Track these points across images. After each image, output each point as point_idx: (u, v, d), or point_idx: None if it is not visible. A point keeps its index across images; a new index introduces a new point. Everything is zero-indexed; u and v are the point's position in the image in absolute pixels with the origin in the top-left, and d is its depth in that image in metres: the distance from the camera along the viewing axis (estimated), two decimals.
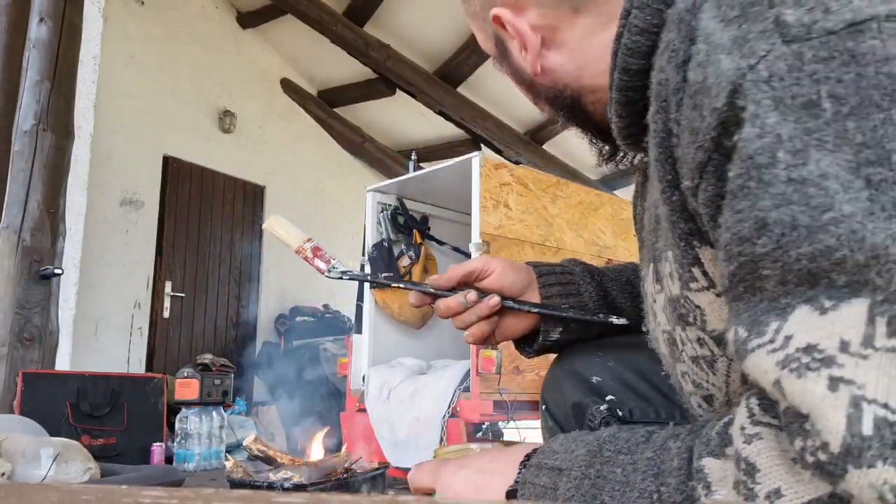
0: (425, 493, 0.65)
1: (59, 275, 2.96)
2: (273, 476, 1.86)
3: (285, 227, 0.86)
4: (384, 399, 2.85)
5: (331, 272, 0.83)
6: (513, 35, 0.65)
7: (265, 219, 3.08)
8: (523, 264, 0.87)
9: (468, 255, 2.99)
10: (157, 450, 3.01)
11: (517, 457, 0.59)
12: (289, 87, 6.19)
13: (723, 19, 0.44)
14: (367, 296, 3.29)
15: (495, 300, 0.81)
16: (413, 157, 3.46)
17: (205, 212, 5.34)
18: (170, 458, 3.15)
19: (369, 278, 0.94)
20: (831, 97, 0.38)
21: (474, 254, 2.73)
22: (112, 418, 2.95)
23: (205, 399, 3.38)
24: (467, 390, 2.65)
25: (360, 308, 3.38)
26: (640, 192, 0.71)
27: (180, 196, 5.18)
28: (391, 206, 3.37)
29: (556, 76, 0.66)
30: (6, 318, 2.81)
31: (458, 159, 2.89)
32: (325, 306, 5.61)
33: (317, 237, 0.88)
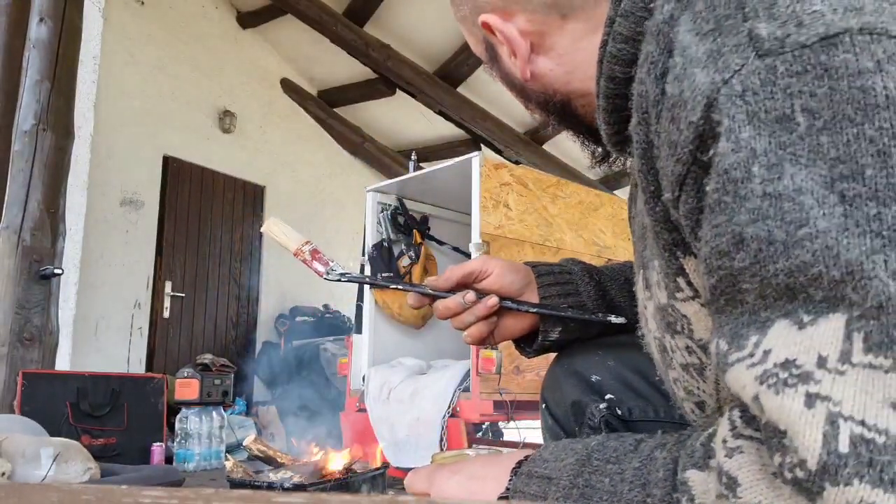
0: None
1: (59, 275, 2.96)
2: (273, 476, 1.87)
3: (283, 230, 0.85)
4: (384, 399, 2.85)
5: (329, 274, 0.82)
6: (502, 41, 0.65)
7: (265, 219, 3.08)
8: (522, 264, 0.87)
9: (468, 255, 2.99)
10: (157, 450, 3.01)
11: (509, 464, 0.59)
12: (289, 87, 6.19)
13: (698, 32, 0.43)
14: (367, 296, 3.29)
15: (493, 301, 0.80)
16: (413, 157, 3.46)
17: (205, 212, 5.34)
18: (170, 458, 3.16)
19: (368, 280, 0.92)
20: (805, 111, 0.38)
21: (474, 254, 2.72)
22: (112, 418, 2.96)
23: (205, 399, 3.37)
24: (467, 390, 2.65)
25: (360, 308, 3.38)
26: (633, 195, 0.71)
27: (180, 196, 5.18)
28: (391, 206, 3.37)
29: (545, 81, 0.66)
30: (6, 318, 2.81)
31: (457, 159, 2.89)
32: (325, 306, 5.61)
33: (317, 237, 0.87)
